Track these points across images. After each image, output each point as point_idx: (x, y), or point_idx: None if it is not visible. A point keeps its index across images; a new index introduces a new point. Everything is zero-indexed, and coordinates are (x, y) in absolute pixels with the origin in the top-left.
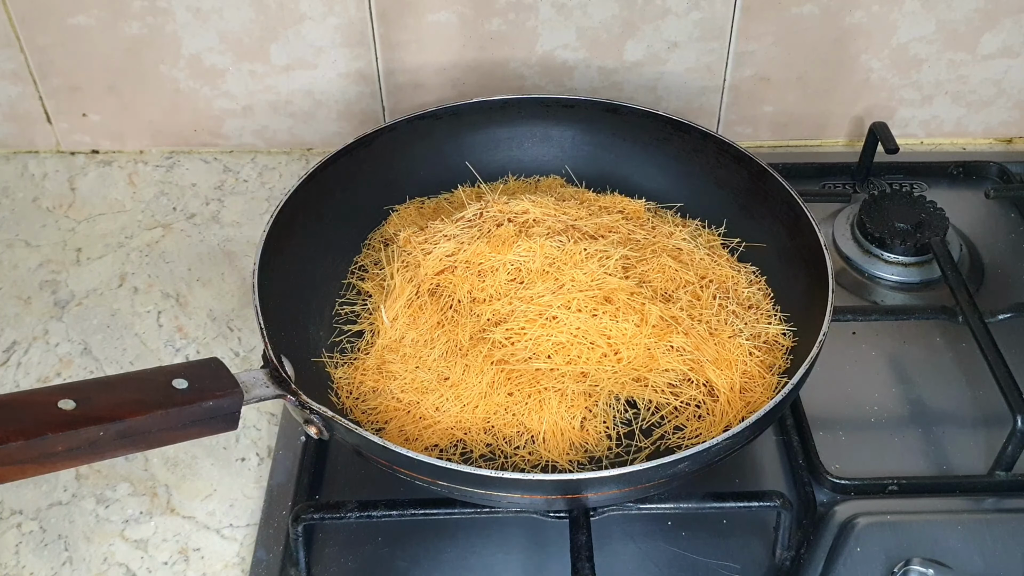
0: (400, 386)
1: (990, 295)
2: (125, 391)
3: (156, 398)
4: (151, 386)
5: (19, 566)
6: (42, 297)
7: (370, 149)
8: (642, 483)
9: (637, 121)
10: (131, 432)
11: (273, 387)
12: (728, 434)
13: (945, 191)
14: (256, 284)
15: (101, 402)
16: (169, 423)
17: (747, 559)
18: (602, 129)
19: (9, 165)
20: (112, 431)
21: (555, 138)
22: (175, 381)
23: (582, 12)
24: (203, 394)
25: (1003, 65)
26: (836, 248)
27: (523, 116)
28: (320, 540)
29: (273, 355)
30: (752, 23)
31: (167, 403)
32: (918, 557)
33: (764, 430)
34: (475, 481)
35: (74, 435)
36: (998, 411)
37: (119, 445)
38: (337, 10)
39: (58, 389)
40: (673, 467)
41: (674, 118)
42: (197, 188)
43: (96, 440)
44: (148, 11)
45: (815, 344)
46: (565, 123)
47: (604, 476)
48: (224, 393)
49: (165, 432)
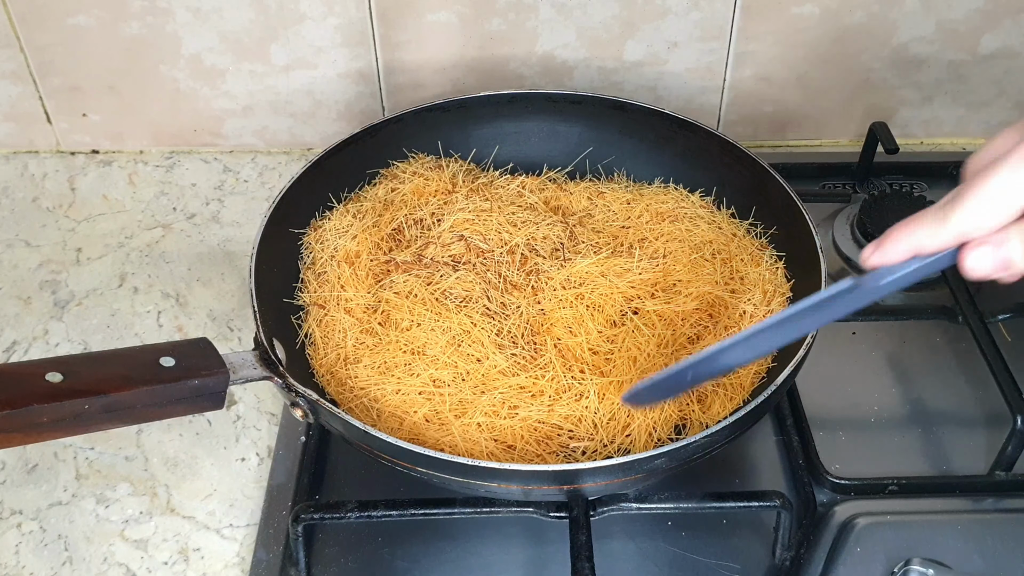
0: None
1: (990, 295)
2: (112, 366)
3: (142, 374)
4: (138, 362)
5: (19, 566)
6: (42, 297)
7: (376, 139)
8: (640, 472)
9: (643, 119)
10: (116, 406)
11: (261, 368)
12: (723, 423)
13: (945, 191)
14: (253, 268)
15: (88, 376)
16: (154, 399)
17: (747, 559)
18: (608, 126)
19: (9, 165)
20: (97, 404)
21: (561, 134)
22: (162, 359)
23: (582, 12)
24: (189, 372)
25: (1003, 65)
26: (836, 248)
27: (530, 111)
28: (320, 540)
29: (265, 338)
30: (752, 23)
31: (153, 379)
32: (918, 557)
33: (758, 420)
34: (455, 469)
35: (59, 407)
36: (998, 411)
37: (104, 419)
38: (337, 10)
39: (47, 362)
40: (670, 456)
41: (680, 117)
42: (197, 188)
43: (81, 413)
44: (148, 11)
45: (803, 344)
46: (572, 119)
47: (599, 466)
48: (210, 372)
49: (150, 408)
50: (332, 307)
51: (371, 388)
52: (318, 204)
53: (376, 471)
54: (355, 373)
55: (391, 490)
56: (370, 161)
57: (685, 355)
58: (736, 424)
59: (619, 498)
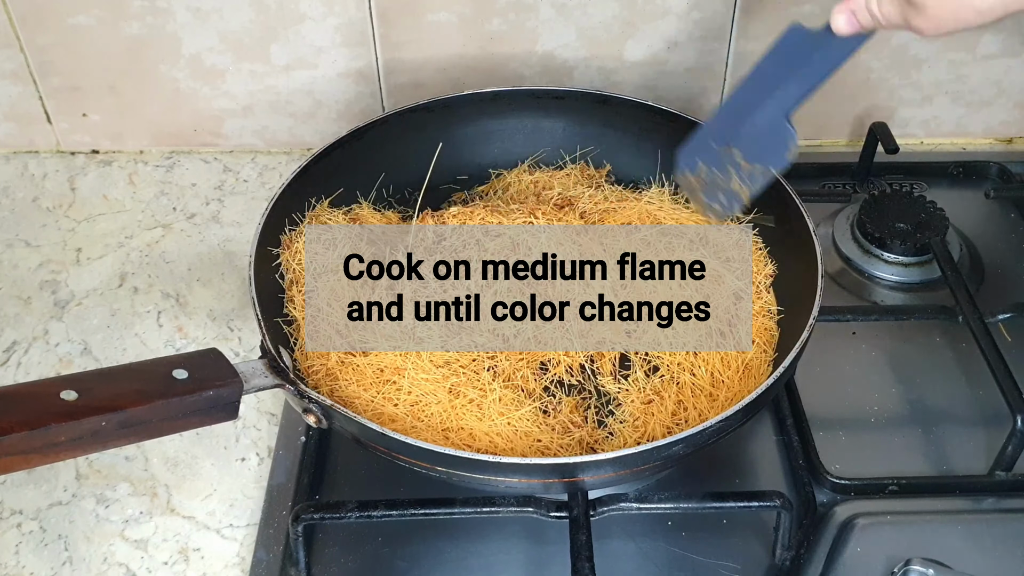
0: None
1: (990, 295)
2: (126, 381)
3: (157, 388)
4: (152, 376)
5: (19, 566)
6: (42, 297)
7: (363, 141)
8: (638, 466)
9: (627, 112)
10: (132, 422)
11: (272, 376)
12: (721, 417)
13: (945, 191)
14: (252, 276)
15: (102, 392)
16: (170, 413)
17: (747, 559)
18: (593, 120)
19: (9, 165)
20: (114, 421)
21: (546, 130)
22: (175, 371)
23: (582, 12)
24: (203, 384)
25: (1003, 65)
26: (836, 248)
27: (514, 108)
28: (320, 540)
29: (271, 345)
30: (752, 23)
31: (168, 393)
32: (918, 557)
33: (756, 413)
34: (472, 466)
35: (76, 425)
36: (998, 411)
37: (121, 435)
38: (337, 10)
39: (60, 380)
40: (667, 450)
41: (664, 108)
42: (197, 188)
43: (98, 430)
44: (148, 11)
45: (805, 327)
46: (556, 114)
47: (600, 459)
48: (224, 383)
49: (166, 422)
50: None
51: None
52: (310, 208)
53: (376, 471)
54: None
55: (391, 490)
56: (360, 163)
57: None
58: (750, 407)
59: (619, 498)
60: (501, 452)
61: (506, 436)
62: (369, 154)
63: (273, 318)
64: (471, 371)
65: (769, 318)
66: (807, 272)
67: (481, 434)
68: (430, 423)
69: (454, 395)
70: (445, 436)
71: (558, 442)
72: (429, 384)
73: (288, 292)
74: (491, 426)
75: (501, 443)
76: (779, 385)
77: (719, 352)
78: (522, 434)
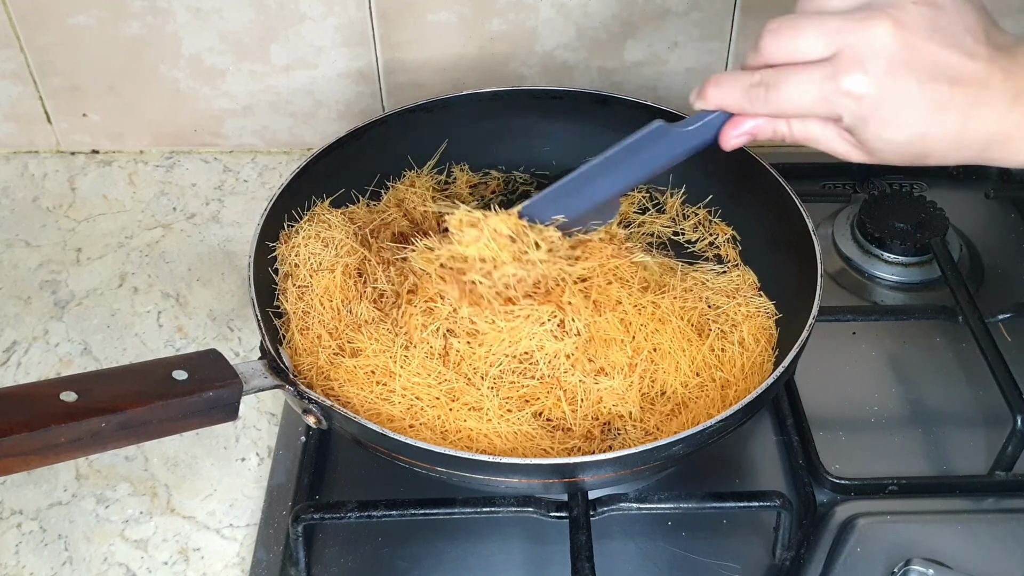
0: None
1: (990, 295)
2: (126, 383)
3: (157, 389)
4: (151, 377)
5: (19, 566)
6: (42, 297)
7: (363, 141)
8: (638, 466)
9: (627, 112)
10: (133, 423)
11: (272, 377)
12: (721, 416)
13: (945, 191)
14: (252, 276)
15: (102, 394)
16: (170, 414)
17: (747, 559)
18: (592, 120)
19: (9, 165)
20: (114, 422)
21: (545, 130)
22: (175, 372)
23: (582, 12)
24: (203, 385)
25: None
26: (836, 248)
27: (513, 108)
28: (320, 540)
29: (271, 346)
30: (752, 23)
31: (167, 394)
32: (918, 557)
33: (756, 412)
34: (472, 466)
35: (76, 426)
36: (998, 411)
37: (121, 436)
38: (337, 10)
39: (60, 381)
40: (667, 450)
41: (663, 108)
42: (197, 188)
43: (98, 431)
44: (148, 11)
45: (805, 327)
46: (554, 115)
47: (600, 459)
48: (224, 383)
49: (166, 423)
50: (314, 323)
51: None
52: (309, 210)
53: (376, 471)
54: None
55: (391, 490)
56: (358, 163)
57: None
58: (749, 407)
59: (619, 498)
60: (501, 452)
61: (506, 436)
62: (369, 154)
63: (269, 316)
64: (465, 380)
65: (768, 318)
66: (807, 272)
67: (480, 434)
68: (429, 424)
69: (451, 399)
70: (444, 436)
71: (559, 443)
72: (423, 388)
73: (281, 285)
74: (491, 427)
75: (500, 443)
76: (779, 385)
77: (719, 352)
78: (522, 434)
